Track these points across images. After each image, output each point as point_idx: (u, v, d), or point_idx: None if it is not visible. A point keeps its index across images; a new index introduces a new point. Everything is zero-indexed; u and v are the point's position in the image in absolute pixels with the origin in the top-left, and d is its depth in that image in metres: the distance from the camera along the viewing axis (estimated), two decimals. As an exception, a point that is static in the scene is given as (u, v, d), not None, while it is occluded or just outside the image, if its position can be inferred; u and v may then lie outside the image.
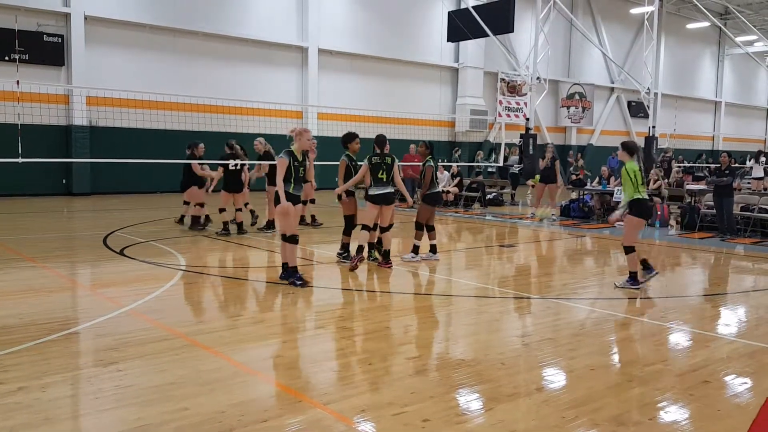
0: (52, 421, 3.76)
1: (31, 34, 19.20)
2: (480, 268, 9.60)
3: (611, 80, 36.32)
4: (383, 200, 8.75)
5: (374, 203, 8.76)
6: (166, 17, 21.40)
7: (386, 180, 8.73)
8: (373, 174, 8.71)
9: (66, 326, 5.70)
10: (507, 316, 6.66)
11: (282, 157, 7.41)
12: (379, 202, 8.74)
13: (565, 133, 34.56)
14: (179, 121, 19.54)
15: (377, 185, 8.71)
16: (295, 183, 7.47)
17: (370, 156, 8.80)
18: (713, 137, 42.96)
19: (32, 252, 9.55)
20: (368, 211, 8.80)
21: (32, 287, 7.35)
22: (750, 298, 7.78)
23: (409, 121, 25.76)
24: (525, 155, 20.70)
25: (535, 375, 4.79)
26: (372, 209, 8.79)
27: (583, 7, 33.66)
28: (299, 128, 7.63)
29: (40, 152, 17.00)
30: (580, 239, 12.82)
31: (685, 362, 5.13)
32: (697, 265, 10.39)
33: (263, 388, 4.42)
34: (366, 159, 8.80)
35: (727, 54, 42.80)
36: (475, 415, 3.99)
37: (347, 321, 6.16)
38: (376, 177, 8.69)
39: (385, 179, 8.72)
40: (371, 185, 8.75)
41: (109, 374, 4.52)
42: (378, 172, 8.69)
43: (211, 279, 8.15)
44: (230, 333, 5.62)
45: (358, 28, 25.96)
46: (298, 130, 7.57)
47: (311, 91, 24.61)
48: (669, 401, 4.25)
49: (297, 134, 7.52)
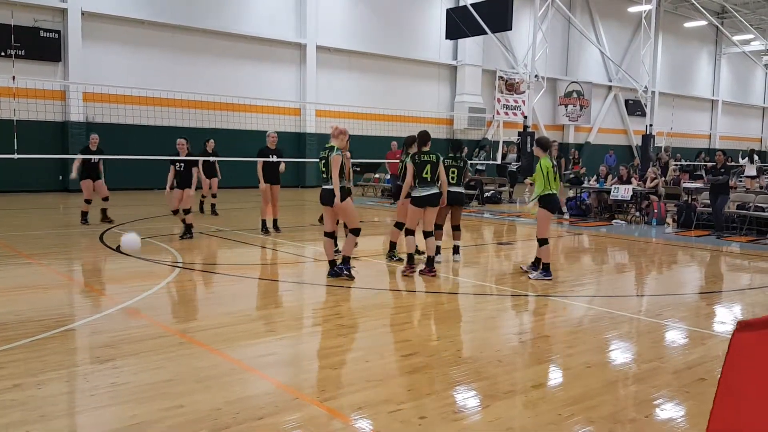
0: (48, 418, 3.75)
1: (27, 29, 19.13)
2: (477, 266, 9.60)
3: (609, 78, 36.35)
4: (428, 202, 8.10)
5: (419, 206, 8.12)
6: (164, 13, 21.34)
7: (431, 180, 8.06)
8: (417, 174, 8.05)
9: (62, 323, 5.68)
10: (504, 314, 6.66)
11: (338, 154, 7.53)
12: (424, 204, 8.09)
13: (563, 131, 34.58)
14: (176, 118, 19.53)
15: (422, 185, 8.05)
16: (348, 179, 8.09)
17: (413, 155, 8.16)
18: (710, 136, 43.05)
19: (28, 249, 9.53)
20: (412, 214, 8.24)
21: (28, 284, 7.33)
22: (746, 296, 7.79)
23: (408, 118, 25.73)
24: (523, 153, 20.71)
25: (531, 372, 4.79)
26: (416, 212, 8.18)
27: (581, 6, 33.66)
28: (342, 127, 7.81)
29: (37, 148, 16.97)
30: (578, 237, 12.83)
31: (681, 360, 5.14)
32: (694, 263, 10.41)
33: (259, 386, 4.41)
34: (409, 158, 8.19)
35: (724, 53, 42.86)
36: (472, 413, 3.99)
37: (344, 318, 6.15)
38: (421, 176, 8.03)
39: (429, 179, 8.05)
40: (415, 186, 8.08)
41: (105, 371, 4.51)
42: (423, 171, 8.02)
43: (208, 276, 8.14)
44: (226, 330, 5.61)
45: (356, 25, 25.92)
46: (341, 128, 7.76)
47: (309, 88, 24.57)
48: (665, 398, 4.26)
49: (341, 132, 7.75)
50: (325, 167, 7.58)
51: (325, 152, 7.62)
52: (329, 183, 7.54)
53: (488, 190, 19.90)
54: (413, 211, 8.23)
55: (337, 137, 7.64)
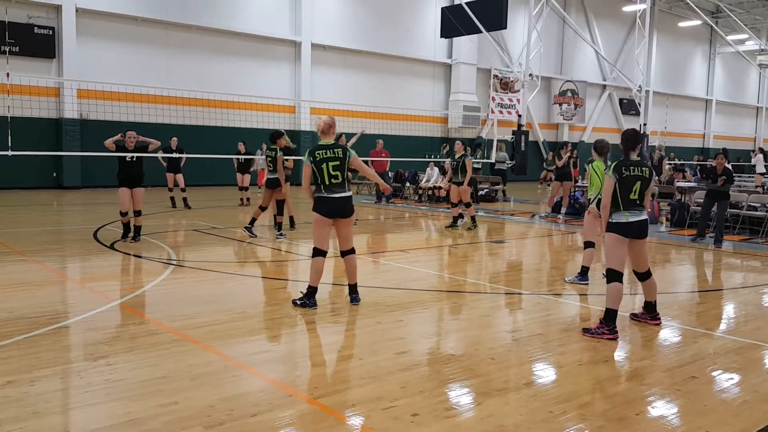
0: (41, 414, 3.75)
1: (21, 26, 19.07)
2: (471, 264, 9.63)
3: (603, 78, 36.45)
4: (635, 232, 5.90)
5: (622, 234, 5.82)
6: (159, 10, 21.29)
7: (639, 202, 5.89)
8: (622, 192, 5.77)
9: (56, 320, 5.68)
10: (497, 312, 6.68)
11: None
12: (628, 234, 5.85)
13: (557, 130, 34.67)
14: (171, 115, 19.50)
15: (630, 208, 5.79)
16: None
17: (617, 165, 5.84)
18: (704, 135, 43.21)
19: (22, 245, 9.50)
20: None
21: (22, 281, 7.31)
22: (738, 295, 7.84)
23: (402, 116, 25.77)
24: (516, 151, 20.75)
25: (524, 370, 4.82)
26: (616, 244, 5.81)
27: (576, 5, 33.73)
28: (329, 119, 6.84)
29: (31, 145, 16.93)
30: (571, 235, 12.87)
31: (673, 358, 5.17)
32: (686, 261, 10.46)
33: (253, 383, 4.42)
34: (613, 170, 5.81)
35: (719, 52, 43.03)
36: (465, 410, 4.02)
37: (338, 316, 6.17)
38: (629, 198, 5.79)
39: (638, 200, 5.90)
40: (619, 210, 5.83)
41: (99, 368, 4.51)
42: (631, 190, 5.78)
43: (202, 273, 8.13)
44: (220, 327, 5.62)
45: (351, 23, 25.91)
46: (328, 121, 6.75)
47: (304, 85, 24.56)
48: (656, 396, 4.29)
49: (331, 126, 6.61)
50: (338, 170, 6.32)
51: (330, 152, 6.31)
52: (345, 190, 6.37)
53: (483, 188, 19.95)
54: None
55: (328, 132, 6.45)
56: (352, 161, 6.41)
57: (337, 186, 6.31)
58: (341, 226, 6.46)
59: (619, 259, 5.73)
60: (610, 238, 5.78)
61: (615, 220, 5.76)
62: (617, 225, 5.74)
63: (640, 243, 5.91)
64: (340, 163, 6.30)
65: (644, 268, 6.07)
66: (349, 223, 6.49)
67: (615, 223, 5.75)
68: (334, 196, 6.29)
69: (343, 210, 6.36)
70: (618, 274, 5.67)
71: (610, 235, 5.78)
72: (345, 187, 6.36)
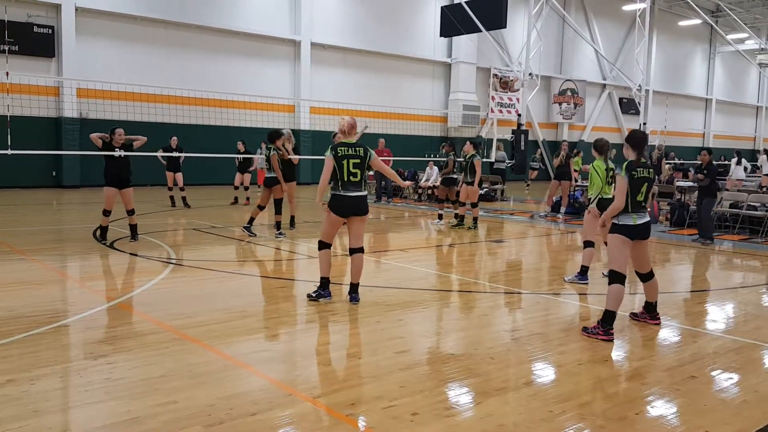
0: (41, 413, 3.75)
1: (21, 25, 19.05)
2: (470, 263, 9.63)
3: (603, 77, 36.44)
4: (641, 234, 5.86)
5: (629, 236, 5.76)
6: (158, 9, 21.28)
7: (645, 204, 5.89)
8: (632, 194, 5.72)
9: (55, 319, 5.68)
10: (497, 311, 6.69)
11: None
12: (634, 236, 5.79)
13: (556, 130, 34.66)
14: (170, 114, 19.48)
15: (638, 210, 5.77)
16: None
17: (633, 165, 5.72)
18: (704, 134, 43.21)
19: (22, 244, 9.50)
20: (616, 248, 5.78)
21: (22, 280, 7.31)
22: (738, 295, 7.84)
23: (402, 116, 25.75)
24: (516, 151, 20.74)
25: (523, 369, 4.82)
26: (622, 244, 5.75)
27: (576, 4, 33.72)
28: (351, 119, 6.83)
29: (30, 144, 16.92)
30: (571, 235, 12.87)
31: (672, 358, 5.18)
32: (686, 261, 10.46)
33: (253, 382, 4.42)
34: (624, 171, 5.69)
35: (718, 51, 43.02)
36: (464, 409, 4.02)
37: (337, 315, 6.17)
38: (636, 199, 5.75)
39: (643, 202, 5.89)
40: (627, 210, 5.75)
41: (99, 367, 4.51)
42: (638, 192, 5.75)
43: (201, 272, 8.13)
44: (220, 326, 5.62)
45: (351, 22, 25.90)
46: (351, 121, 6.73)
47: (304, 84, 24.55)
48: (656, 396, 4.29)
49: (353, 126, 6.62)
50: (358, 168, 6.39)
51: (353, 150, 6.37)
52: (361, 189, 6.46)
53: (482, 188, 19.92)
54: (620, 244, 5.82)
55: (350, 132, 6.50)
56: (372, 161, 6.54)
57: (355, 185, 6.42)
58: (354, 223, 6.55)
59: (623, 261, 5.70)
60: (615, 240, 5.70)
61: (622, 222, 5.68)
62: (624, 227, 5.67)
63: (644, 244, 5.90)
64: (360, 162, 6.40)
65: (647, 269, 6.07)
66: (363, 221, 6.58)
67: (622, 225, 5.68)
68: (350, 194, 6.40)
69: (358, 209, 6.47)
70: (621, 276, 5.63)
71: (615, 236, 5.69)
72: (361, 187, 6.48)
